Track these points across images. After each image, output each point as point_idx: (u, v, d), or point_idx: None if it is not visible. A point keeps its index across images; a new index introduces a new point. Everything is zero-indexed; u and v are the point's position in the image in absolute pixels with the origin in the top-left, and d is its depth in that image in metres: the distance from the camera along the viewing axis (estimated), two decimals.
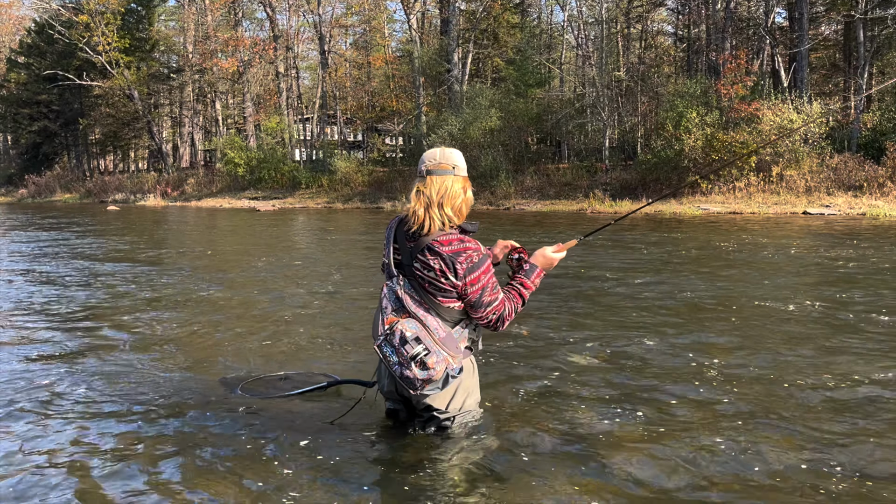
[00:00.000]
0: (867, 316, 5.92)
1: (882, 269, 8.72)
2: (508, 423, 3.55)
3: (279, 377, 4.38)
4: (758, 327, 5.63)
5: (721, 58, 25.68)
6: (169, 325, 6.05)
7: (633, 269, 9.07)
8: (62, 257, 11.76)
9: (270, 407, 3.87)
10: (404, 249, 3.07)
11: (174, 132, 53.63)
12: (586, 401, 3.91)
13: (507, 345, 5.17)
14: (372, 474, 3.04)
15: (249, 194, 36.33)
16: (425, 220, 2.98)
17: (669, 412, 3.71)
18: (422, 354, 2.89)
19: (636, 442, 3.32)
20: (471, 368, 3.21)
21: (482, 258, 2.99)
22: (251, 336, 5.61)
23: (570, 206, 24.25)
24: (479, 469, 3.04)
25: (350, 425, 3.53)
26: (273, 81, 44.59)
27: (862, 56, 24.62)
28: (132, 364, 4.79)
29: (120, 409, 3.89)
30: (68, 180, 51.35)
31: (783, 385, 4.10)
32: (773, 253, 10.66)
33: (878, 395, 3.90)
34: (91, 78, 45.15)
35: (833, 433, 3.37)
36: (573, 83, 33.57)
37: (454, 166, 3.08)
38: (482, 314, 3.02)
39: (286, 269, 9.98)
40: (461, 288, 2.96)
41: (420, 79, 34.82)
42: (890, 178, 20.55)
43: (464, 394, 3.17)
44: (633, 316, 6.15)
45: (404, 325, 2.94)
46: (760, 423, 3.51)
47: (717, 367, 4.50)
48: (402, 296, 3.01)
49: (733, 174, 22.39)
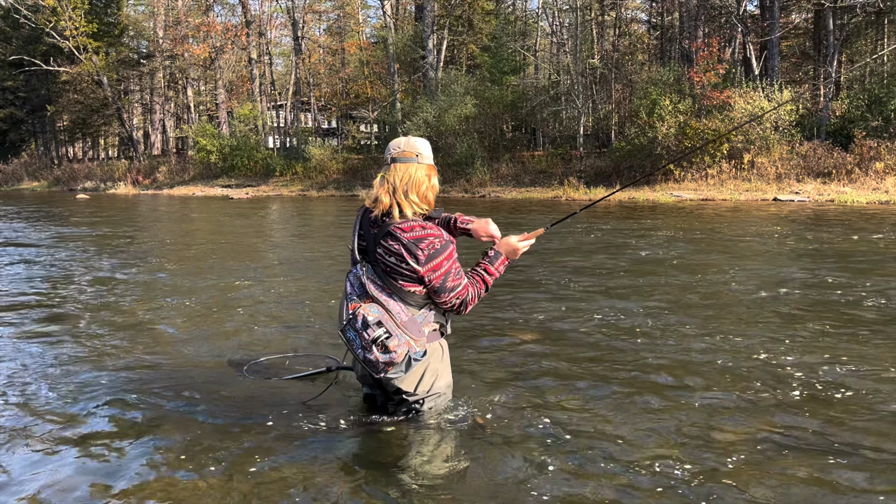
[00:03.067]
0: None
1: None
2: (481, 404, 3.59)
3: (286, 358, 4.51)
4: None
5: (694, 45, 25.86)
6: (153, 313, 5.99)
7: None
8: (30, 247, 11.54)
9: (257, 389, 3.86)
10: (368, 236, 3.12)
11: (145, 119, 52.76)
12: (558, 379, 3.97)
13: (474, 325, 5.21)
14: (342, 456, 3.05)
15: (223, 182, 35.91)
16: (391, 207, 3.03)
17: (646, 390, 3.76)
18: (382, 337, 2.95)
19: (608, 423, 3.37)
20: (439, 351, 3.25)
21: (444, 244, 3.04)
22: (250, 323, 5.57)
23: (545, 194, 24.33)
24: (451, 449, 3.09)
25: (325, 407, 3.56)
26: (246, 68, 44.00)
27: (832, 44, 24.95)
28: (103, 348, 4.74)
29: (113, 391, 3.86)
30: (36, 168, 50.35)
31: (712, 351, 4.18)
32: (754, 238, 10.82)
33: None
34: (58, 63, 44.15)
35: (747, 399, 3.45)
36: (548, 70, 33.52)
37: (418, 154, 3.12)
38: (445, 299, 3.08)
39: (266, 257, 9.91)
40: (422, 273, 3.00)
41: (395, 65, 34.59)
42: (857, 165, 20.90)
43: (432, 376, 3.22)
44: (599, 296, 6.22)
45: (366, 309, 2.99)
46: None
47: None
48: (365, 281, 3.06)
49: (706, 161, 22.61)
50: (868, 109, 22.77)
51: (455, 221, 3.40)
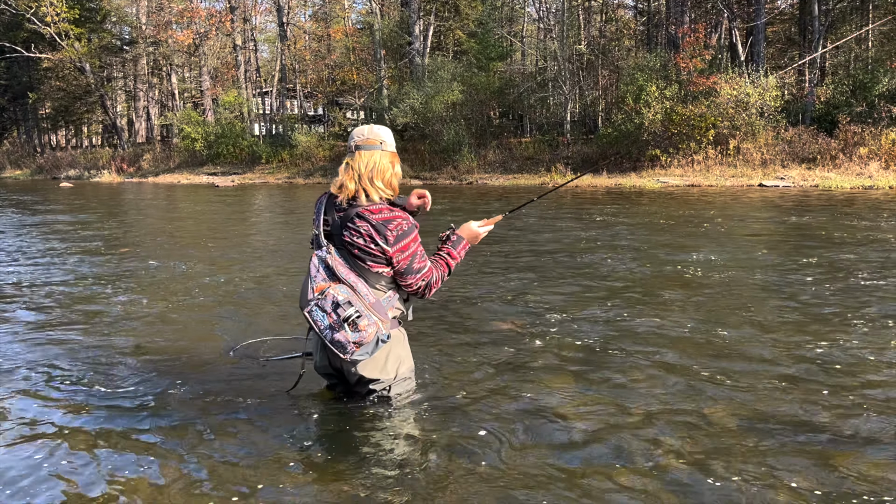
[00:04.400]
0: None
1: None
2: (448, 390, 3.63)
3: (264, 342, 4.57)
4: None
5: (680, 31, 25.88)
6: (144, 303, 5.95)
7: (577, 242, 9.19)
8: (12, 236, 11.44)
9: (235, 374, 3.86)
10: (334, 221, 3.15)
11: (129, 107, 52.21)
12: (527, 367, 4.00)
13: (440, 314, 5.23)
14: (313, 444, 3.07)
15: (208, 170, 35.67)
16: (357, 193, 3.09)
17: (611, 374, 3.80)
18: (354, 316, 2.97)
19: (580, 405, 3.40)
20: (400, 337, 3.31)
21: (410, 227, 3.11)
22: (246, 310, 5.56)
23: (532, 180, 24.33)
24: (421, 435, 3.10)
25: (297, 396, 3.58)
26: (230, 54, 43.63)
27: (817, 30, 25.02)
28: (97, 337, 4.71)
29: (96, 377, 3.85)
30: (18, 156, 49.81)
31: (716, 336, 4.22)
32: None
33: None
34: (40, 50, 43.58)
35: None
36: (535, 57, 33.46)
37: (381, 142, 3.17)
38: (411, 281, 3.14)
39: (249, 244, 9.86)
40: (391, 254, 3.06)
41: (381, 52, 34.39)
42: (842, 151, 21.05)
43: (396, 361, 3.28)
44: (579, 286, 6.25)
45: (336, 290, 3.02)
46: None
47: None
48: (332, 264, 3.09)
49: (692, 148, 22.69)
50: (852, 95, 22.91)
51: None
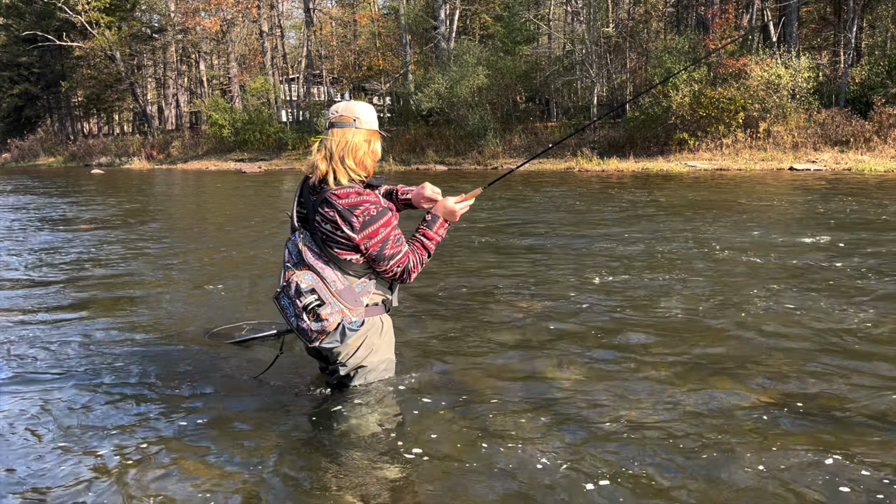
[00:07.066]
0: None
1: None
2: (456, 374, 3.62)
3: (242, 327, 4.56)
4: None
5: (710, 12, 25.40)
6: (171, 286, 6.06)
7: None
8: (49, 222, 11.68)
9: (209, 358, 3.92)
10: (308, 204, 3.08)
11: (158, 94, 52.76)
12: (513, 349, 4.01)
13: (423, 305, 5.23)
14: (272, 426, 3.07)
15: (235, 156, 35.98)
16: (328, 173, 2.97)
17: (594, 358, 3.78)
18: (314, 304, 2.90)
19: (594, 393, 3.39)
20: (378, 326, 3.18)
21: (381, 211, 2.96)
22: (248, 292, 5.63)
23: (558, 165, 24.16)
24: (381, 422, 3.05)
25: (267, 380, 3.59)
26: (257, 41, 43.80)
27: (851, 9, 24.38)
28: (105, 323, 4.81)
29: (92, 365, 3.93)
30: (52, 144, 50.65)
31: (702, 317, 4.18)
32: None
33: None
34: (71, 39, 44.18)
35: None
36: (561, 40, 33.11)
37: (356, 119, 3.05)
38: (386, 267, 3.01)
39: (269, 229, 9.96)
40: (358, 241, 2.94)
41: (407, 36, 34.29)
42: (876, 133, 20.56)
43: (367, 350, 3.15)
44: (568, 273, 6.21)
45: (300, 276, 2.95)
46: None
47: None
48: (301, 249, 3.02)
49: (720, 131, 22.32)
50: (888, 76, 22.31)
51: (397, 193, 3.36)
